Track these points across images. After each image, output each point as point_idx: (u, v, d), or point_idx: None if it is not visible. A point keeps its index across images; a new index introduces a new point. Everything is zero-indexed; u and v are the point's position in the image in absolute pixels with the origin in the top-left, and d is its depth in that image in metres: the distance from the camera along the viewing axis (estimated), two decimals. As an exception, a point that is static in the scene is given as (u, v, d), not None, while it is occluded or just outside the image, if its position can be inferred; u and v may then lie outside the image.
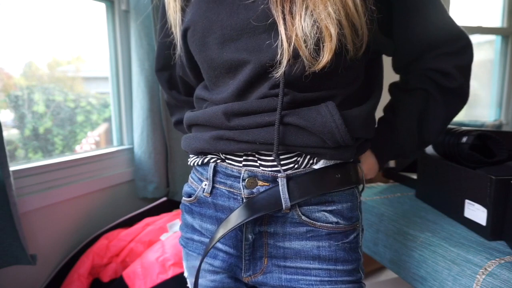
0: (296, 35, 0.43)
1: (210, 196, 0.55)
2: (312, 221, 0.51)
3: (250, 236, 0.53)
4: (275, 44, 0.45)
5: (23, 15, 1.03)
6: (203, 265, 0.58)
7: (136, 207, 1.31)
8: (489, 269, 0.63)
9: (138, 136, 1.28)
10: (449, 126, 0.88)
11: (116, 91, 1.32)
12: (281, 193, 0.49)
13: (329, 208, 0.51)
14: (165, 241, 1.01)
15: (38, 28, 1.08)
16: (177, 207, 1.32)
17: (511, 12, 2.34)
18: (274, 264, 0.53)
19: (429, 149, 0.92)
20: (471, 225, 0.76)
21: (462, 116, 2.46)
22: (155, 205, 1.29)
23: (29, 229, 0.97)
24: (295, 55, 0.45)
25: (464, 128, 0.82)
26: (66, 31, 1.16)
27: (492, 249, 0.68)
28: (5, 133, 0.80)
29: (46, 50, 1.12)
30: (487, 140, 0.80)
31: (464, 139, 0.78)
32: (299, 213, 0.51)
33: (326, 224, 0.51)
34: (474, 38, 2.41)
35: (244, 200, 0.52)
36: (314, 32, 0.43)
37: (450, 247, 0.72)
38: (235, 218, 0.50)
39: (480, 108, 2.48)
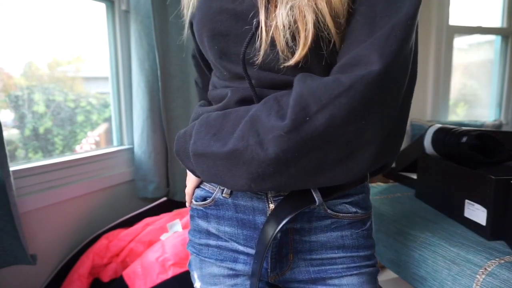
0: (276, 25, 0.43)
1: (230, 197, 0.54)
2: (336, 213, 0.53)
3: (278, 235, 0.53)
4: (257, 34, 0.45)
5: (23, 15, 1.03)
6: (221, 271, 0.57)
7: (136, 207, 1.32)
8: (489, 269, 0.63)
9: (138, 136, 1.28)
10: (449, 126, 0.88)
11: (116, 91, 1.32)
12: (313, 192, 0.49)
13: (348, 200, 0.54)
14: (165, 241, 1.01)
15: (38, 28, 1.08)
16: (177, 207, 1.32)
17: (511, 12, 2.34)
18: (300, 258, 0.54)
19: (429, 149, 0.92)
20: (471, 225, 0.76)
21: (462, 116, 2.46)
22: (155, 205, 1.30)
23: (29, 229, 0.97)
24: (272, 45, 0.44)
25: (464, 128, 0.82)
26: (66, 31, 1.16)
27: (492, 249, 0.68)
28: (5, 133, 0.80)
29: (46, 50, 1.12)
30: (487, 140, 0.80)
31: (464, 139, 0.78)
32: (325, 207, 0.52)
33: (348, 214, 0.54)
34: (474, 38, 2.41)
35: (270, 199, 0.51)
36: (292, 20, 0.42)
37: (450, 247, 0.72)
38: (272, 223, 0.49)
39: (480, 108, 2.48)
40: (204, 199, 0.57)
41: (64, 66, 1.20)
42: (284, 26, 0.42)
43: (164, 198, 1.33)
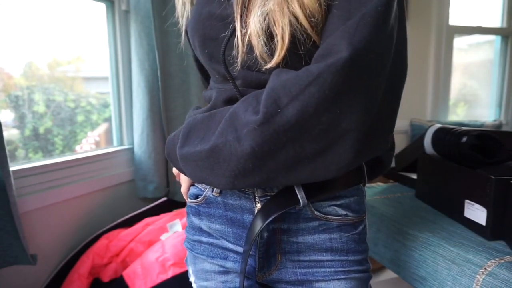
0: (250, 32, 0.43)
1: (220, 195, 0.55)
2: (323, 215, 0.52)
3: (265, 234, 0.53)
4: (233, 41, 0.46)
5: (23, 15, 1.03)
6: (212, 267, 0.58)
7: (136, 207, 1.32)
8: (489, 269, 0.63)
9: (138, 136, 1.28)
10: (449, 126, 0.88)
11: (116, 91, 1.32)
12: (297, 192, 0.49)
13: (338, 202, 0.53)
14: (165, 241, 1.01)
15: (38, 28, 1.08)
16: (177, 207, 1.32)
17: (511, 12, 2.34)
18: (288, 259, 0.54)
19: (429, 149, 0.92)
20: (471, 225, 0.76)
21: (462, 116, 2.46)
22: (155, 205, 1.30)
23: (29, 229, 0.97)
24: (250, 50, 0.45)
25: (464, 128, 0.82)
26: (66, 31, 1.16)
27: (492, 249, 0.68)
28: (5, 133, 0.80)
29: (46, 50, 1.12)
30: (487, 140, 0.80)
31: (464, 139, 0.78)
32: (312, 208, 0.52)
33: (337, 217, 0.53)
34: (474, 38, 2.41)
35: (257, 199, 0.52)
36: (265, 26, 0.43)
37: (450, 247, 0.72)
38: (258, 221, 0.50)
39: (480, 108, 2.48)
40: (196, 196, 0.59)
41: (64, 66, 1.20)
42: (257, 33, 0.43)
43: (164, 198, 1.33)
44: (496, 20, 2.38)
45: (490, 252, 0.67)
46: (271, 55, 0.44)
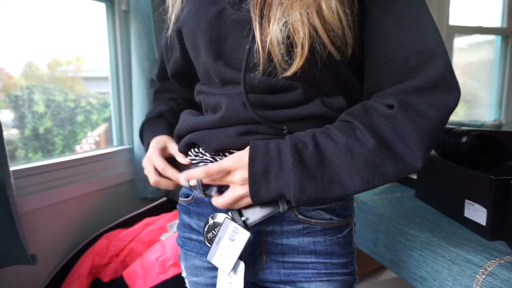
0: (271, 40, 0.44)
1: (206, 196, 0.55)
2: (308, 219, 0.53)
3: (251, 236, 0.53)
4: (254, 48, 0.46)
5: (23, 15, 1.03)
6: (201, 263, 0.59)
7: (136, 207, 1.31)
8: (489, 269, 0.63)
9: (138, 136, 1.28)
10: (449, 126, 0.88)
11: (116, 91, 1.32)
12: (279, 200, 0.50)
13: (323, 206, 0.54)
14: (165, 241, 1.01)
15: (38, 28, 1.08)
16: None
17: (511, 12, 2.34)
18: (273, 260, 0.55)
19: (429, 149, 0.92)
20: (471, 225, 0.76)
21: (462, 116, 2.46)
22: (155, 205, 1.30)
23: (29, 229, 0.97)
24: (270, 59, 0.46)
25: (464, 128, 0.82)
26: (66, 31, 1.16)
27: (492, 249, 0.68)
28: (5, 133, 0.80)
29: (46, 50, 1.12)
30: (487, 140, 0.80)
31: (464, 139, 0.78)
32: (296, 212, 0.53)
33: (321, 221, 0.53)
34: (474, 38, 2.41)
35: None
36: (286, 35, 0.44)
37: (450, 247, 0.72)
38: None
39: (480, 108, 2.48)
40: (187, 196, 0.60)
41: (64, 66, 1.20)
42: (278, 42, 0.44)
43: (164, 198, 1.33)
44: (496, 20, 2.38)
45: (490, 252, 0.67)
46: (290, 63, 0.45)
